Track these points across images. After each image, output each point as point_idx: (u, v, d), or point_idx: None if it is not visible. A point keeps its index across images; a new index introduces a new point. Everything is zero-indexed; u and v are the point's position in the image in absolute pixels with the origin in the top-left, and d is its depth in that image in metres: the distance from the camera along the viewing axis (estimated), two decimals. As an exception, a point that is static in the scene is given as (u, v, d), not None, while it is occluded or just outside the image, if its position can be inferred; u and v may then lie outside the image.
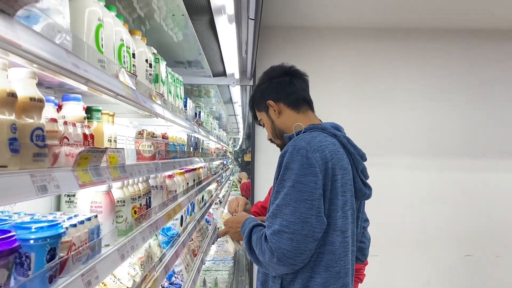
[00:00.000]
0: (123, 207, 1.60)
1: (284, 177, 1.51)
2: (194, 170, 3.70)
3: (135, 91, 1.61)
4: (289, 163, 1.51)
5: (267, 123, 1.82)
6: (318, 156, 1.52)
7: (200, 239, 3.82)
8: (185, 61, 3.15)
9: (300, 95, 1.76)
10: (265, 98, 1.78)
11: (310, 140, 1.55)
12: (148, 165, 1.86)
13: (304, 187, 1.48)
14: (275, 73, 1.80)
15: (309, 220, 1.47)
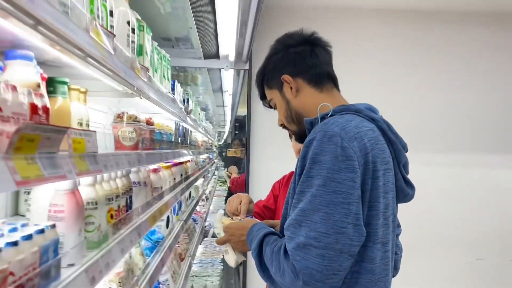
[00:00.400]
0: (95, 211, 1.20)
1: (311, 173, 1.15)
2: (182, 164, 3.30)
3: (112, 56, 1.20)
4: (318, 154, 1.15)
5: (280, 104, 1.44)
6: (355, 146, 1.16)
7: (187, 241, 3.42)
8: (172, 38, 2.73)
9: (323, 69, 1.39)
10: (279, 72, 1.40)
11: (345, 125, 1.20)
12: (129, 156, 1.46)
13: (339, 186, 1.12)
14: (293, 41, 1.42)
15: (345, 230, 1.11)
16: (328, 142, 1.15)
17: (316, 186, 1.13)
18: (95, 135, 1.09)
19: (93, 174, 1.01)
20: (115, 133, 1.66)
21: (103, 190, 1.28)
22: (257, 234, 1.34)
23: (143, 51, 1.82)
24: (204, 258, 4.12)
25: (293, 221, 1.15)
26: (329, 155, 1.14)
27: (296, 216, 1.15)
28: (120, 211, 1.46)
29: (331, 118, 1.24)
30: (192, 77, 4.62)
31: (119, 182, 1.50)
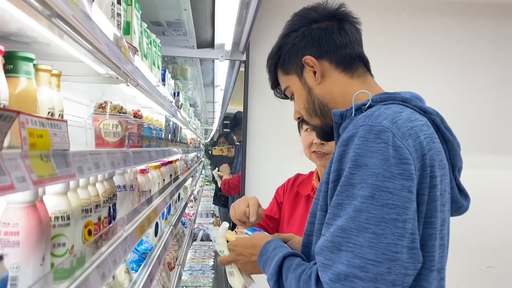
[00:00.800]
0: (67, 228, 0.90)
1: (354, 180, 0.88)
2: (171, 163, 3.00)
3: (91, 21, 0.90)
4: (363, 156, 0.89)
5: (299, 93, 1.17)
6: (411, 145, 0.91)
7: (176, 247, 3.13)
8: (163, 22, 2.43)
9: (354, 50, 1.13)
10: (299, 53, 1.13)
11: (395, 117, 0.93)
12: (112, 155, 1.16)
13: (392, 198, 0.86)
14: (317, 15, 1.14)
15: (399, 256, 0.84)
16: (376, 139, 0.89)
17: (361, 198, 0.86)
18: (65, 126, 0.79)
19: (61, 180, 0.72)
20: (96, 126, 1.36)
21: (78, 200, 0.98)
22: (274, 255, 1.07)
23: (130, 30, 1.53)
24: (194, 264, 3.83)
25: (329, 244, 0.88)
26: (378, 157, 0.87)
27: (333, 236, 0.88)
28: (101, 224, 1.17)
29: (373, 109, 0.97)
30: (182, 69, 4.32)
31: (100, 188, 1.20)
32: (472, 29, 3.58)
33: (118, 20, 1.29)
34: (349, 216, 0.87)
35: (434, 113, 1.03)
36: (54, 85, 1.09)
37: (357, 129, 0.92)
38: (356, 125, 0.94)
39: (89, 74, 1.34)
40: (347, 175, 0.89)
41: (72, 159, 0.81)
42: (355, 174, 0.88)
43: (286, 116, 3.37)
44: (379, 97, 1.03)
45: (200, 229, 5.03)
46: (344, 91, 1.11)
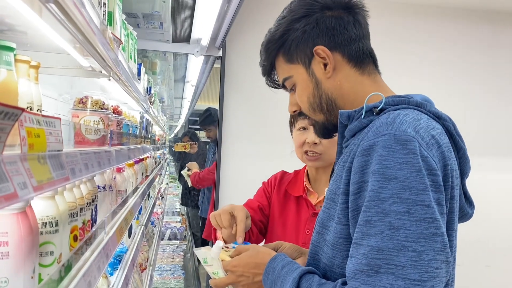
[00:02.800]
0: (55, 235, 0.83)
1: (384, 194, 0.81)
2: (142, 160, 2.90)
3: (84, 7, 0.83)
4: (390, 168, 0.82)
5: (304, 85, 1.07)
6: (435, 155, 0.86)
7: (147, 248, 3.03)
8: (139, 14, 2.32)
9: (366, 45, 1.06)
10: (309, 42, 1.04)
11: (416, 126, 0.87)
12: (98, 154, 1.08)
13: (429, 211, 0.80)
14: (331, 2, 1.05)
15: (439, 271, 0.80)
16: (403, 149, 0.83)
17: (396, 214, 0.80)
18: (59, 124, 0.72)
19: (57, 185, 0.65)
20: (76, 123, 1.27)
21: (65, 203, 0.91)
22: (286, 275, 0.96)
23: (112, 21, 1.44)
24: (163, 264, 3.73)
25: (364, 267, 0.81)
26: (409, 168, 0.82)
27: (369, 259, 0.80)
28: (85, 229, 1.09)
29: (393, 115, 0.90)
30: (151, 64, 4.19)
31: (84, 189, 1.12)
32: (469, 35, 3.65)
33: (104, 10, 1.21)
34: (385, 235, 0.80)
35: (447, 119, 0.98)
36: (32, 77, 1.01)
37: (378, 138, 0.86)
38: (377, 133, 0.87)
39: (69, 66, 1.25)
40: (375, 189, 0.82)
41: (66, 160, 0.74)
42: (384, 188, 0.81)
43: (262, 114, 3.35)
44: (392, 100, 0.97)
45: (167, 227, 4.92)
46: (354, 88, 1.04)
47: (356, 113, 0.99)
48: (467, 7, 3.61)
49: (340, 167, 0.96)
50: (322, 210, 1.00)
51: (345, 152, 1.00)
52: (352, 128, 0.99)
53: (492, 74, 3.76)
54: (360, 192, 0.85)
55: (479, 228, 3.68)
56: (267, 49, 1.11)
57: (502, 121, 3.79)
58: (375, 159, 0.84)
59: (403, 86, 3.73)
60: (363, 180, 0.85)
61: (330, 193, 0.98)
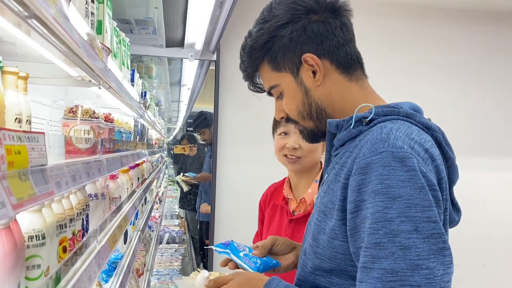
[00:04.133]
0: (42, 248, 0.83)
1: (390, 214, 0.80)
2: (138, 165, 2.90)
3: (69, 22, 0.83)
4: (393, 186, 0.81)
5: (292, 93, 1.04)
6: (431, 170, 0.87)
7: (144, 253, 3.02)
8: (132, 20, 2.33)
9: (353, 50, 1.04)
10: (297, 49, 1.01)
11: (410, 141, 0.87)
12: (87, 164, 1.08)
13: (436, 227, 0.80)
14: (316, 5, 1.01)
15: (449, 284, 0.82)
16: (403, 167, 0.81)
17: (405, 233, 0.78)
18: (43, 139, 0.72)
19: (40, 201, 0.65)
20: (67, 132, 1.27)
21: (53, 215, 0.91)
22: None
23: (102, 29, 1.44)
24: (161, 269, 3.73)
25: None
26: (411, 186, 0.80)
27: (382, 282, 0.78)
28: (76, 239, 1.09)
29: (383, 129, 0.89)
30: (147, 68, 4.20)
31: (74, 199, 1.12)
32: (468, 35, 3.65)
33: (92, 19, 1.21)
34: (397, 256, 0.78)
35: (437, 130, 0.97)
36: (21, 88, 1.01)
37: (376, 156, 0.84)
38: (373, 150, 0.85)
39: (58, 76, 1.25)
40: (380, 209, 0.80)
41: (50, 174, 0.74)
42: (389, 207, 0.80)
43: (258, 117, 3.35)
44: (382, 110, 0.96)
45: (165, 231, 4.92)
46: (343, 95, 1.03)
47: (345, 123, 0.99)
48: (467, 8, 3.61)
49: (332, 180, 0.95)
50: (313, 222, 0.98)
51: (335, 161, 1.00)
52: (341, 138, 0.98)
53: (492, 74, 3.77)
54: (357, 211, 0.84)
55: (476, 228, 3.69)
56: (250, 56, 1.07)
57: (499, 120, 3.80)
58: (375, 178, 0.82)
59: (404, 87, 3.72)
60: (360, 199, 0.84)
61: (322, 206, 0.96)
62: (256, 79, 1.13)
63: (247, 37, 1.08)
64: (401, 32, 3.57)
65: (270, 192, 1.83)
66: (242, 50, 1.10)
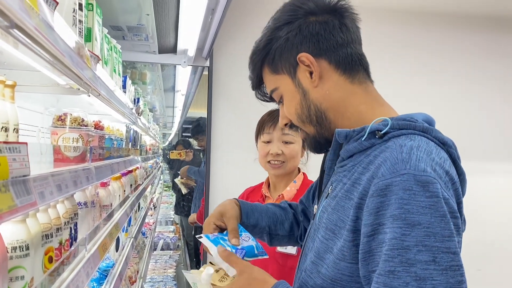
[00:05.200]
0: (26, 259, 0.82)
1: (407, 242, 0.75)
2: (131, 172, 2.89)
3: (53, 31, 0.82)
4: (413, 212, 0.76)
5: (290, 96, 1.01)
6: (452, 195, 0.83)
7: (137, 260, 3.01)
8: (124, 27, 2.33)
9: (356, 50, 1.00)
10: (293, 50, 0.98)
11: (431, 161, 0.82)
12: (74, 173, 1.07)
13: (455, 259, 0.76)
14: (315, 7, 0.99)
15: None
16: (425, 192, 0.76)
17: (422, 264, 0.74)
18: (25, 149, 0.71)
19: (21, 212, 0.64)
20: (55, 141, 1.27)
21: (38, 225, 0.90)
22: None
23: (92, 37, 1.44)
24: (155, 275, 3.71)
25: None
26: (432, 213, 0.76)
27: None
28: (62, 248, 1.08)
29: (403, 147, 0.83)
30: (140, 74, 4.19)
31: (61, 208, 1.11)
32: (468, 41, 3.68)
33: (80, 27, 1.21)
34: (411, 286, 0.74)
35: (452, 146, 0.92)
36: (7, 96, 1.00)
37: (397, 178, 0.78)
38: (394, 171, 0.79)
39: (47, 84, 1.25)
40: (398, 236, 0.75)
41: (33, 185, 0.73)
42: (407, 235, 0.75)
43: (251, 123, 3.34)
44: (397, 123, 0.90)
45: (160, 238, 4.89)
46: (344, 98, 0.98)
47: (355, 133, 0.93)
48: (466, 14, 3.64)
49: (343, 196, 0.90)
50: (319, 238, 0.94)
51: (343, 174, 0.95)
52: (350, 149, 0.93)
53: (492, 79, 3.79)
54: (374, 235, 0.80)
55: (470, 232, 3.68)
56: (253, 61, 1.06)
57: (496, 123, 3.82)
58: (394, 202, 0.77)
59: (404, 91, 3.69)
60: (378, 222, 0.79)
61: (330, 223, 0.91)
62: (262, 87, 1.11)
63: (254, 44, 1.08)
64: (400, 38, 3.59)
65: (247, 193, 1.97)
66: (249, 57, 1.10)
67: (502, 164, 3.83)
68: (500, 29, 3.75)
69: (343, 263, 0.85)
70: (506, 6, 3.43)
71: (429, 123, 0.94)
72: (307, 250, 1.00)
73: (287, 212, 1.33)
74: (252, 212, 1.25)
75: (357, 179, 0.88)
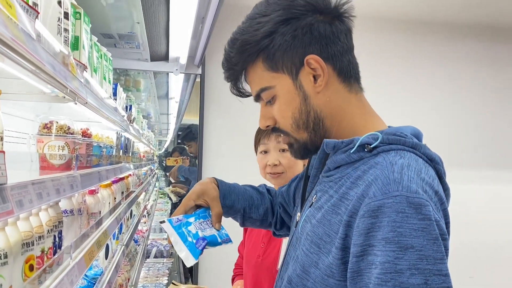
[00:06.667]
0: (4, 268, 0.82)
1: (400, 265, 0.74)
2: (122, 179, 2.88)
3: (33, 41, 0.83)
4: (405, 235, 0.75)
5: (289, 98, 0.94)
6: (442, 216, 0.81)
7: (128, 267, 3.00)
8: (115, 34, 2.34)
9: (355, 59, 0.98)
10: (299, 49, 0.91)
11: (422, 182, 0.80)
12: (57, 181, 1.08)
13: (446, 281, 0.75)
14: (324, 7, 0.93)
15: None
16: (417, 214, 0.76)
17: (414, 287, 0.74)
18: (2, 158, 0.72)
19: (-4, 220, 0.65)
20: (41, 149, 1.27)
21: (18, 233, 0.90)
22: None
23: (79, 45, 1.45)
24: (147, 283, 3.69)
25: None
26: (425, 236, 0.75)
27: None
28: (45, 256, 1.08)
29: (394, 166, 0.82)
30: (134, 81, 4.21)
31: (44, 216, 1.11)
32: (456, 49, 3.72)
33: (66, 36, 1.22)
34: None
35: (439, 162, 0.90)
36: (-7, 105, 1.01)
37: (389, 200, 0.77)
38: (386, 192, 0.78)
39: (32, 92, 1.25)
40: (391, 260, 0.74)
41: (10, 193, 0.73)
42: (400, 258, 0.74)
43: (243, 130, 3.37)
44: (387, 138, 0.88)
45: (153, 245, 4.87)
46: (342, 107, 0.94)
47: (343, 145, 0.91)
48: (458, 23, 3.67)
49: (329, 210, 0.88)
50: (303, 250, 0.92)
51: (329, 185, 0.93)
52: (337, 160, 0.92)
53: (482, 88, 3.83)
54: (363, 256, 0.78)
55: (463, 240, 3.70)
56: (243, 51, 0.95)
57: (486, 133, 3.84)
58: (386, 224, 0.76)
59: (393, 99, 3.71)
60: (368, 243, 0.78)
61: (315, 236, 0.89)
62: (241, 80, 1.01)
63: (236, 32, 0.98)
64: (391, 47, 3.62)
65: None
66: (230, 46, 0.99)
67: (494, 171, 3.85)
68: (488, 37, 3.79)
69: (332, 280, 0.84)
70: (489, 15, 3.47)
71: (417, 137, 0.92)
72: (289, 258, 0.99)
73: (263, 197, 1.30)
74: (229, 193, 1.22)
75: (345, 193, 0.86)
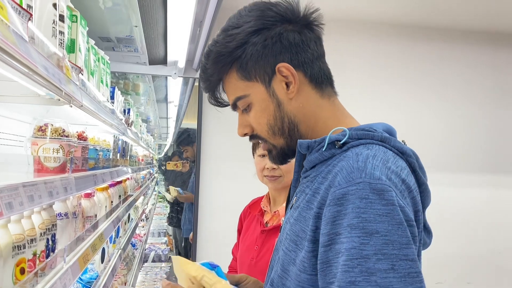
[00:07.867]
0: (-7, 271, 0.81)
1: (366, 251, 0.74)
2: (120, 183, 2.88)
3: (25, 43, 0.83)
4: (370, 221, 0.75)
5: (263, 106, 0.97)
6: (409, 203, 0.82)
7: (125, 272, 2.98)
8: (113, 38, 2.34)
9: (325, 65, 1.00)
10: (271, 58, 0.95)
11: (387, 170, 0.81)
12: (50, 183, 1.07)
13: (413, 266, 0.76)
14: (292, 16, 0.96)
15: None
16: (381, 200, 0.76)
17: (381, 272, 0.73)
18: (-8, 160, 0.71)
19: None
20: (35, 151, 1.27)
21: (9, 236, 0.89)
22: None
23: (75, 48, 1.45)
24: (144, 287, 3.67)
25: None
26: (389, 221, 0.75)
27: None
28: (38, 259, 1.07)
29: (359, 156, 0.83)
30: (133, 85, 4.21)
31: (37, 219, 1.11)
32: (445, 54, 3.73)
33: (61, 38, 1.21)
34: None
35: (411, 155, 0.91)
36: (-14, 107, 1.01)
37: (352, 187, 0.78)
38: (350, 180, 0.79)
39: (27, 95, 1.25)
40: (356, 246, 0.74)
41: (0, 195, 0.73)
42: (366, 244, 0.74)
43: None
44: (356, 133, 0.90)
45: (151, 249, 4.86)
46: (315, 112, 0.97)
47: (316, 144, 0.93)
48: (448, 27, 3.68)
49: (304, 207, 0.89)
50: (283, 250, 0.92)
51: (305, 185, 0.94)
52: (312, 160, 0.94)
53: (469, 92, 3.83)
54: (331, 245, 0.78)
55: (461, 245, 3.69)
56: (217, 62, 0.98)
57: (475, 137, 3.84)
58: (351, 211, 0.77)
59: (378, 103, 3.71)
60: (334, 232, 0.78)
61: (293, 234, 0.90)
62: (218, 90, 1.04)
63: (211, 44, 1.00)
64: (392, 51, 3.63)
65: (250, 204, 1.93)
66: (205, 58, 1.02)
67: (489, 176, 3.84)
68: (488, 42, 3.79)
69: (304, 275, 0.84)
70: (481, 21, 3.48)
71: (390, 133, 0.94)
72: (274, 262, 0.99)
73: None
74: None
75: (317, 188, 0.87)
